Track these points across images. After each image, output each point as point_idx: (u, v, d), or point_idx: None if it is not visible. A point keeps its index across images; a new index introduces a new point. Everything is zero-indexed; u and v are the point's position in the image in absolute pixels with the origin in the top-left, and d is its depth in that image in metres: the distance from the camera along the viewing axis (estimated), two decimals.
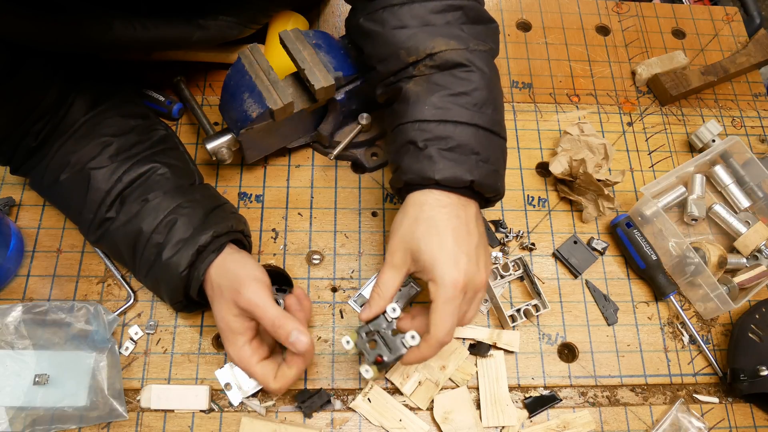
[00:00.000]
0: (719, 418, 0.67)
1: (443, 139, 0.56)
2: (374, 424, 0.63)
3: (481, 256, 0.55)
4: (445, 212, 0.55)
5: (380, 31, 0.60)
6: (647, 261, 0.71)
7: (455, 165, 0.55)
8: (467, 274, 0.53)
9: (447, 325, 0.53)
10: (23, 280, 0.68)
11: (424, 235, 0.54)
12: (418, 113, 0.58)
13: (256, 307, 0.55)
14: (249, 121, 0.64)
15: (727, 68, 0.87)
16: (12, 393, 0.60)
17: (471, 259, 0.54)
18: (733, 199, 0.77)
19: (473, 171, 0.55)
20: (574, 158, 0.73)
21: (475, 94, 0.58)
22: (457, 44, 0.58)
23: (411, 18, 0.59)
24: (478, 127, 0.57)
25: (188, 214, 0.60)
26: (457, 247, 0.54)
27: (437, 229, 0.54)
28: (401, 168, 0.58)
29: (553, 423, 0.64)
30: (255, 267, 0.59)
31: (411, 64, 0.59)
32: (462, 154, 0.56)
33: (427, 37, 0.58)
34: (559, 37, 0.90)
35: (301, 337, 0.54)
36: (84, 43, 0.58)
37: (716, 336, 0.71)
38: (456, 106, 0.57)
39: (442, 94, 0.57)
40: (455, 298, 0.53)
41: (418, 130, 0.57)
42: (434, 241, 0.54)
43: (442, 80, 0.58)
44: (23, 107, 0.59)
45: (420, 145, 0.57)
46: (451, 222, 0.55)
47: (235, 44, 0.78)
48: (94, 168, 0.60)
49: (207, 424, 0.62)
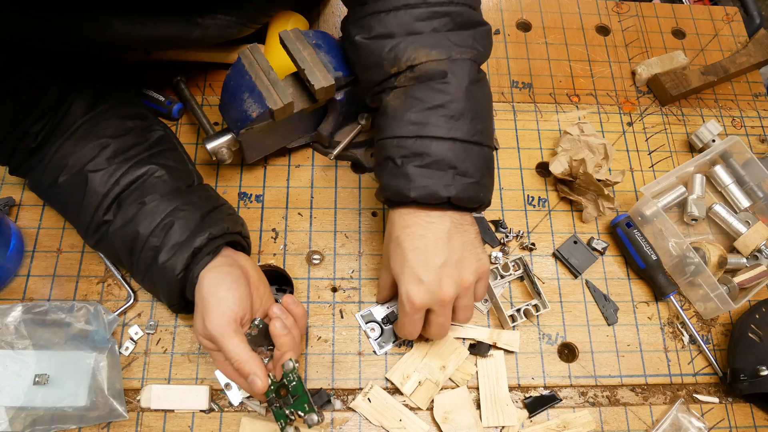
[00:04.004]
0: (719, 418, 0.67)
1: (419, 156, 0.57)
2: (374, 424, 0.63)
3: (445, 275, 0.56)
4: (409, 233, 0.57)
5: (365, 41, 0.60)
6: (647, 261, 0.71)
7: (432, 182, 0.56)
8: (425, 293, 0.56)
9: (404, 331, 0.60)
10: (23, 280, 0.68)
11: (392, 255, 0.59)
12: (396, 129, 0.58)
13: (217, 342, 0.54)
14: (249, 121, 0.64)
15: (727, 68, 0.87)
16: (12, 393, 0.60)
17: (431, 279, 0.56)
18: (733, 199, 0.77)
19: (449, 187, 0.56)
20: (574, 158, 0.73)
21: (451, 106, 0.57)
22: (438, 54, 0.58)
23: (397, 26, 0.59)
24: (455, 140, 0.57)
25: (185, 216, 0.59)
26: (416, 267, 0.56)
27: (401, 250, 0.57)
28: (382, 183, 0.60)
29: (553, 423, 0.64)
30: (227, 290, 0.56)
31: (393, 75, 0.60)
32: (438, 170, 0.56)
33: (409, 48, 0.58)
34: (559, 37, 0.90)
35: (256, 381, 0.54)
36: (83, 42, 0.58)
37: (716, 336, 0.71)
38: (432, 119, 0.57)
39: (419, 108, 0.58)
40: (412, 314, 0.57)
41: (396, 146, 0.58)
42: (397, 261, 0.58)
43: (420, 93, 0.58)
44: (22, 107, 0.59)
45: (397, 162, 0.58)
46: (413, 243, 0.57)
47: (234, 44, 0.78)
48: (92, 171, 0.60)
49: (207, 424, 0.62)
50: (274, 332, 0.56)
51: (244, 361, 0.54)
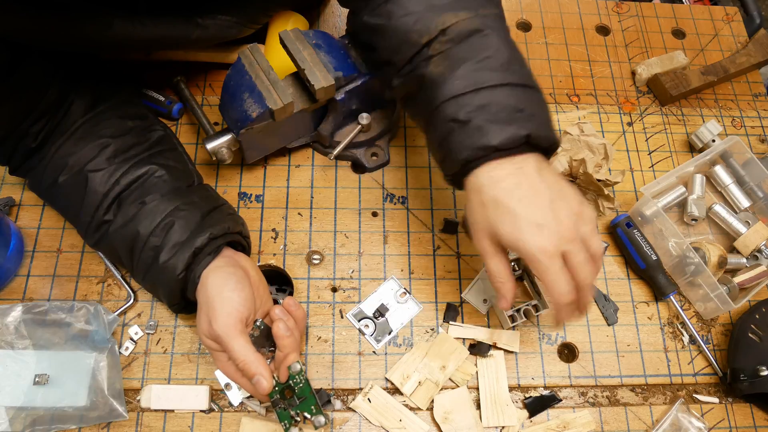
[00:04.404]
0: (719, 418, 0.67)
1: (484, 107, 0.55)
2: (374, 424, 0.63)
3: (558, 208, 0.53)
4: (503, 187, 0.53)
5: (387, 23, 0.59)
6: (647, 261, 0.71)
7: (506, 126, 0.54)
8: (552, 235, 0.52)
9: (558, 287, 0.52)
10: (23, 280, 0.68)
11: (496, 220, 0.53)
12: (450, 90, 0.56)
13: (223, 342, 0.54)
14: (249, 121, 0.64)
15: (727, 68, 0.87)
16: (12, 393, 0.60)
17: (548, 219, 0.52)
18: (733, 199, 0.77)
19: (524, 126, 0.54)
20: (574, 158, 0.73)
21: (498, 55, 0.56)
22: (466, 14, 0.57)
23: (415, 4, 0.58)
24: (512, 85, 0.56)
25: (185, 216, 0.59)
26: (530, 215, 0.52)
27: (505, 208, 0.53)
28: (453, 148, 0.55)
29: (553, 423, 0.64)
30: (233, 291, 0.56)
31: (425, 45, 0.58)
32: (508, 115, 0.54)
33: (435, 16, 0.57)
34: (559, 37, 0.90)
35: (261, 381, 0.54)
36: (83, 42, 0.58)
37: (716, 336, 0.71)
38: (484, 71, 0.56)
39: (467, 65, 0.56)
40: (552, 264, 0.52)
41: (456, 105, 0.55)
42: (506, 221, 0.53)
43: (462, 52, 0.57)
44: (22, 106, 0.59)
45: (463, 119, 0.55)
46: (515, 194, 0.53)
47: (234, 44, 0.78)
48: (92, 170, 0.60)
49: (207, 424, 0.62)
50: (277, 333, 0.56)
51: (250, 361, 0.54)
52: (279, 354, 0.57)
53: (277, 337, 0.56)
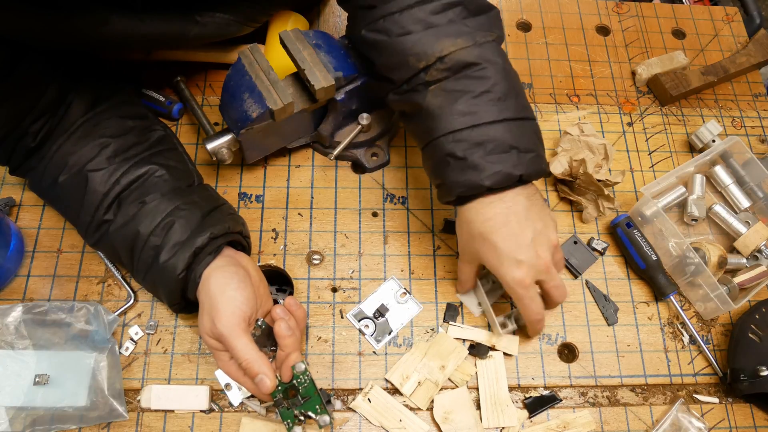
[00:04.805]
0: (719, 418, 0.67)
1: (480, 144, 0.57)
2: (374, 424, 0.63)
3: (539, 244, 0.58)
4: (492, 225, 0.58)
5: (386, 40, 0.60)
6: (647, 261, 0.71)
7: (501, 166, 0.57)
8: (530, 269, 0.58)
9: (531, 310, 0.60)
10: (23, 280, 0.68)
11: (482, 252, 0.60)
12: (448, 125, 0.58)
13: (226, 341, 0.54)
14: (249, 121, 0.64)
15: (727, 68, 0.87)
16: (12, 393, 0.60)
17: (529, 256, 0.58)
18: (733, 199, 0.77)
19: (518, 166, 0.57)
20: (574, 158, 0.73)
21: (495, 89, 0.58)
22: (464, 42, 0.58)
23: (413, 23, 0.59)
24: (508, 120, 0.58)
25: (186, 216, 0.59)
26: (512, 253, 0.57)
27: (491, 245, 0.58)
28: (447, 184, 0.59)
29: (553, 423, 0.64)
30: (235, 290, 0.56)
31: (422, 70, 0.59)
32: (503, 152, 0.57)
33: (433, 40, 0.58)
34: (559, 37, 0.90)
35: (265, 380, 0.54)
36: (81, 39, 0.58)
37: (716, 336, 0.71)
38: (481, 106, 0.57)
39: (465, 99, 0.58)
40: (526, 293, 0.59)
41: (453, 141, 0.58)
42: (491, 255, 0.59)
43: (460, 85, 0.58)
44: (21, 106, 0.59)
45: (460, 155, 0.58)
46: (501, 232, 0.58)
47: (234, 44, 0.78)
48: (92, 170, 0.60)
49: (207, 424, 0.62)
50: (279, 333, 0.56)
51: (253, 360, 0.54)
52: (281, 353, 0.57)
53: (279, 337, 0.57)
